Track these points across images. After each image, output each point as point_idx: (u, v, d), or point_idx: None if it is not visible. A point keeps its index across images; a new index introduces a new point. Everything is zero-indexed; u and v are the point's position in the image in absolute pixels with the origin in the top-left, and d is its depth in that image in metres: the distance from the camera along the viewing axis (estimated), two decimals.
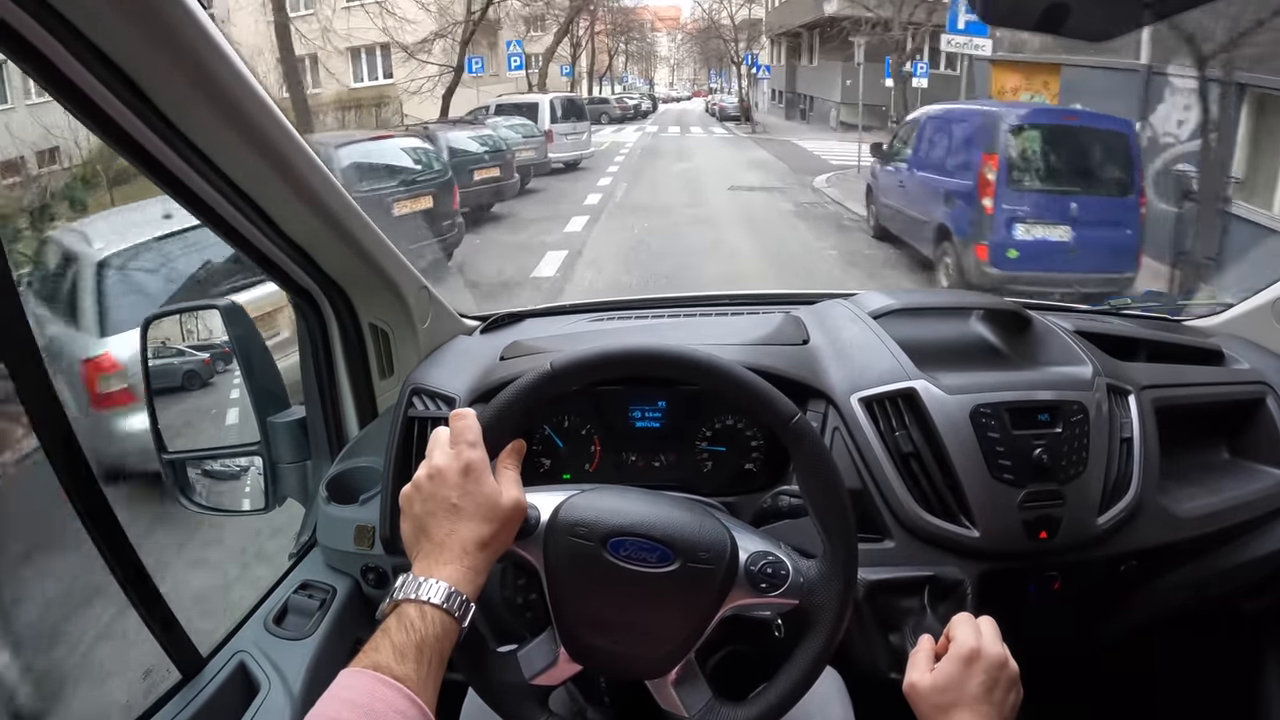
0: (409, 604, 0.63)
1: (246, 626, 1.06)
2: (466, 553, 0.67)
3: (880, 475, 1.01)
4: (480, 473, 0.69)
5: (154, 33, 0.67)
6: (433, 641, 0.62)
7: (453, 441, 0.71)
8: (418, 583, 0.64)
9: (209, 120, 0.77)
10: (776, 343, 1.14)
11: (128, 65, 0.69)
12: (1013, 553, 1.00)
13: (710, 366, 0.75)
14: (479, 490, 0.69)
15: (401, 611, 0.63)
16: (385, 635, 0.62)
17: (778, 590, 0.73)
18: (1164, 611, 1.19)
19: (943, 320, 1.32)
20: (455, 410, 0.74)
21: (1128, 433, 1.07)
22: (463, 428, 0.71)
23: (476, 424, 0.72)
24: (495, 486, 0.70)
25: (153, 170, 0.82)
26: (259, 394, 1.17)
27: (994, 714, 0.71)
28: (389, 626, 0.62)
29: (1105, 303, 1.48)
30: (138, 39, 0.67)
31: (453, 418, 0.73)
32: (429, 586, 0.64)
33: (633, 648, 0.73)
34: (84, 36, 0.66)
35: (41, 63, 0.66)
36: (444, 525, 0.68)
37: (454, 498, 0.68)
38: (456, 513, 0.68)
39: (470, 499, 0.68)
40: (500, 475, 0.72)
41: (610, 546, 0.72)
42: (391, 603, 0.64)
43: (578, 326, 1.35)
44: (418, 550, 0.68)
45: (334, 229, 0.99)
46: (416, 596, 0.64)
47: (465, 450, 0.70)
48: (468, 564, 0.67)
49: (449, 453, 0.70)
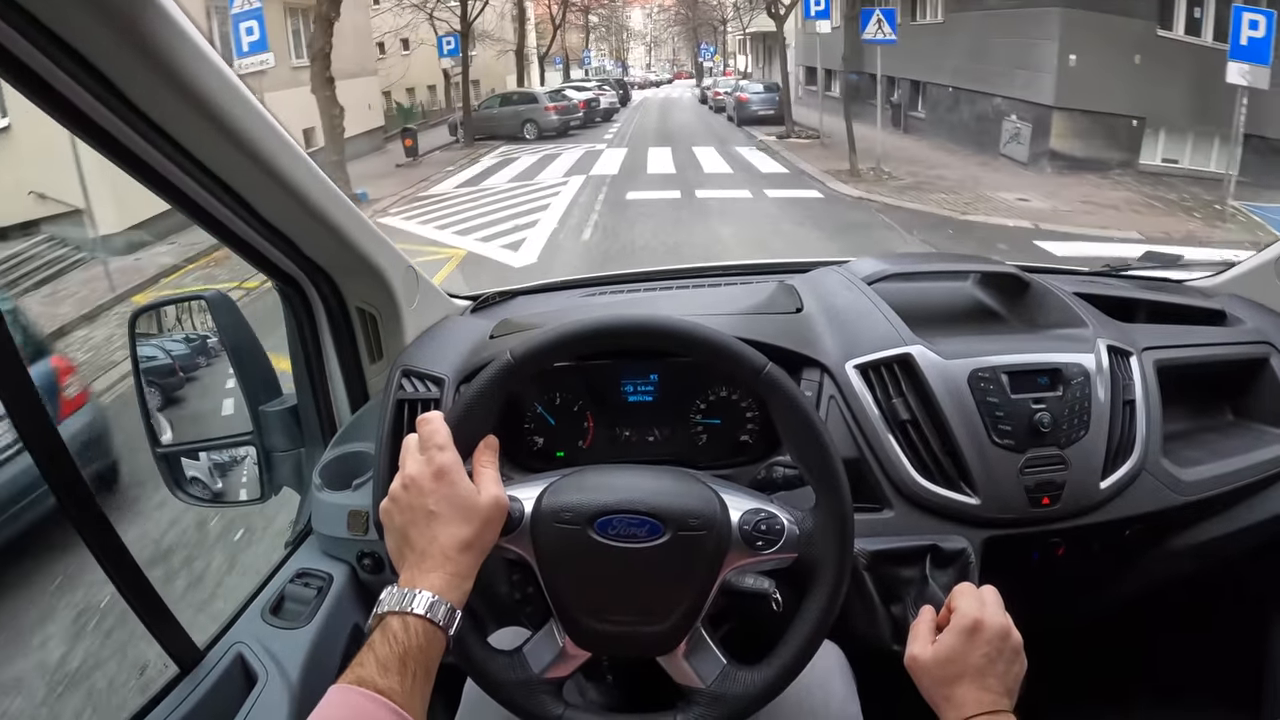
0: (393, 616, 0.63)
1: (243, 618, 1.05)
2: (449, 558, 0.67)
3: (878, 443, 0.99)
4: (454, 475, 0.69)
5: (118, 19, 0.65)
6: (416, 652, 0.62)
7: (422, 447, 0.70)
8: (402, 594, 0.64)
9: (178, 107, 0.76)
10: (769, 311, 1.13)
11: (94, 55, 0.68)
12: (1015, 519, 0.98)
13: (674, 330, 0.74)
14: (454, 493, 0.68)
15: (386, 624, 0.63)
16: (370, 650, 0.62)
17: (774, 547, 0.72)
18: (1168, 577, 1.19)
19: (938, 284, 1.30)
20: (420, 415, 0.73)
21: (1130, 395, 1.05)
22: (430, 431, 0.70)
23: (444, 426, 0.71)
24: (471, 487, 0.69)
25: (125, 160, 0.80)
26: (250, 384, 1.16)
27: (997, 685, 0.70)
28: (374, 641, 0.63)
29: (1105, 265, 1.45)
30: (102, 26, 0.65)
31: (419, 422, 0.72)
32: (412, 597, 0.64)
33: (636, 626, 0.72)
34: (47, 27, 0.64)
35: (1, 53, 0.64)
36: (424, 533, 0.67)
37: (430, 504, 0.68)
38: (434, 518, 0.67)
39: (446, 503, 0.68)
40: (477, 474, 0.72)
41: (597, 527, 0.71)
42: (376, 617, 0.64)
43: (569, 302, 1.34)
44: (402, 561, 0.68)
45: (313, 214, 0.97)
46: (400, 608, 0.63)
47: (435, 454, 0.69)
48: (450, 570, 0.66)
49: (419, 459, 0.70)
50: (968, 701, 0.69)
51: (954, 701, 0.70)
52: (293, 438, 1.20)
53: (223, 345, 1.16)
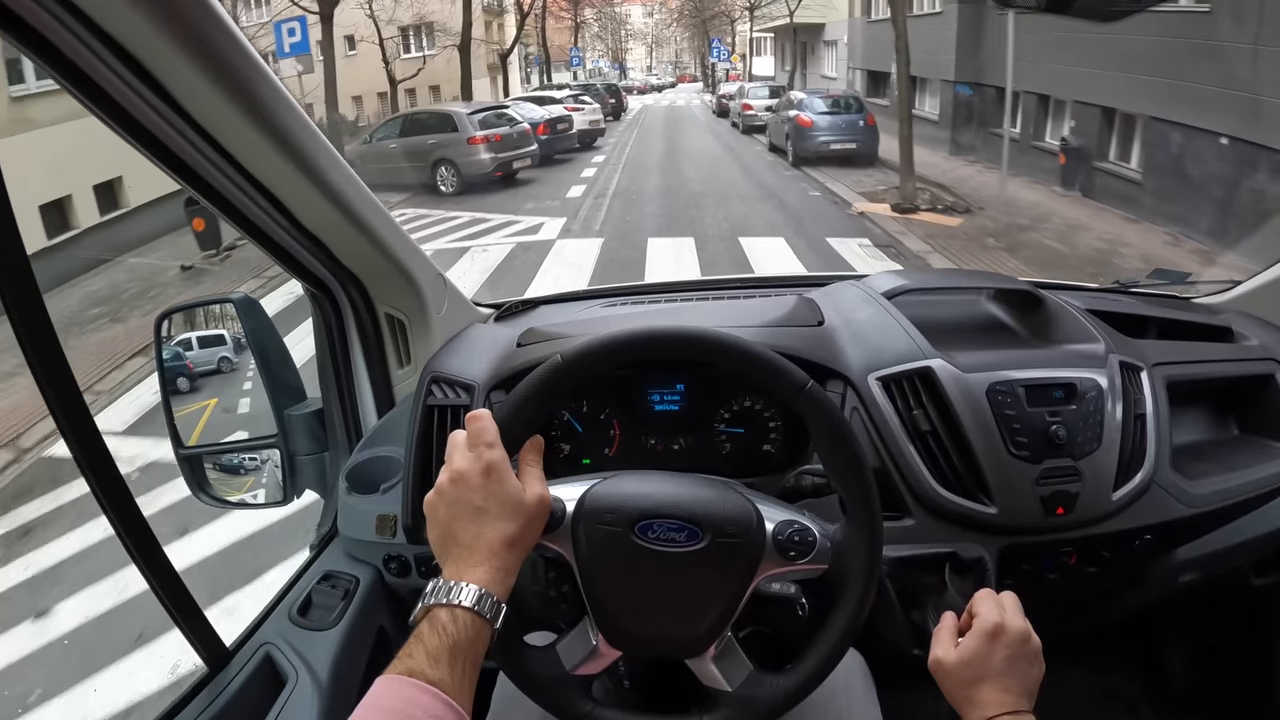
0: (440, 608, 0.64)
1: (271, 619, 1.06)
2: (495, 553, 0.67)
3: (899, 453, 1.02)
4: (502, 472, 0.70)
5: (169, 25, 0.67)
6: (465, 645, 0.62)
7: (471, 444, 0.71)
8: (448, 587, 0.65)
9: (224, 111, 0.77)
10: (792, 324, 1.15)
11: (142, 56, 0.69)
12: (1030, 528, 1.01)
13: (720, 343, 0.75)
14: (502, 490, 0.69)
15: (433, 616, 0.63)
16: (419, 641, 0.62)
17: (806, 557, 0.73)
18: (1176, 587, 1.21)
19: (954, 300, 1.33)
20: (471, 412, 0.74)
21: (1141, 409, 1.08)
22: (480, 429, 0.71)
23: (493, 424, 0.72)
24: (518, 485, 0.70)
25: (168, 161, 0.82)
26: (275, 386, 1.17)
27: (1018, 687, 0.72)
28: (422, 632, 0.63)
29: (1114, 282, 1.48)
30: (152, 31, 0.67)
31: (469, 419, 0.73)
32: (459, 590, 0.64)
33: (670, 628, 0.74)
34: (99, 29, 0.66)
35: (56, 55, 0.66)
36: (470, 528, 0.68)
37: (478, 500, 0.68)
38: (482, 514, 0.68)
39: (494, 499, 0.69)
40: (523, 472, 0.73)
41: (638, 530, 0.72)
42: (423, 608, 0.65)
43: (591, 312, 1.35)
44: (446, 555, 0.69)
45: (350, 219, 0.99)
46: (448, 601, 0.64)
47: (485, 451, 0.70)
48: (496, 564, 0.67)
49: (469, 455, 0.70)
50: (989, 702, 0.71)
51: (976, 703, 0.72)
52: (317, 441, 1.21)
53: (249, 348, 1.17)
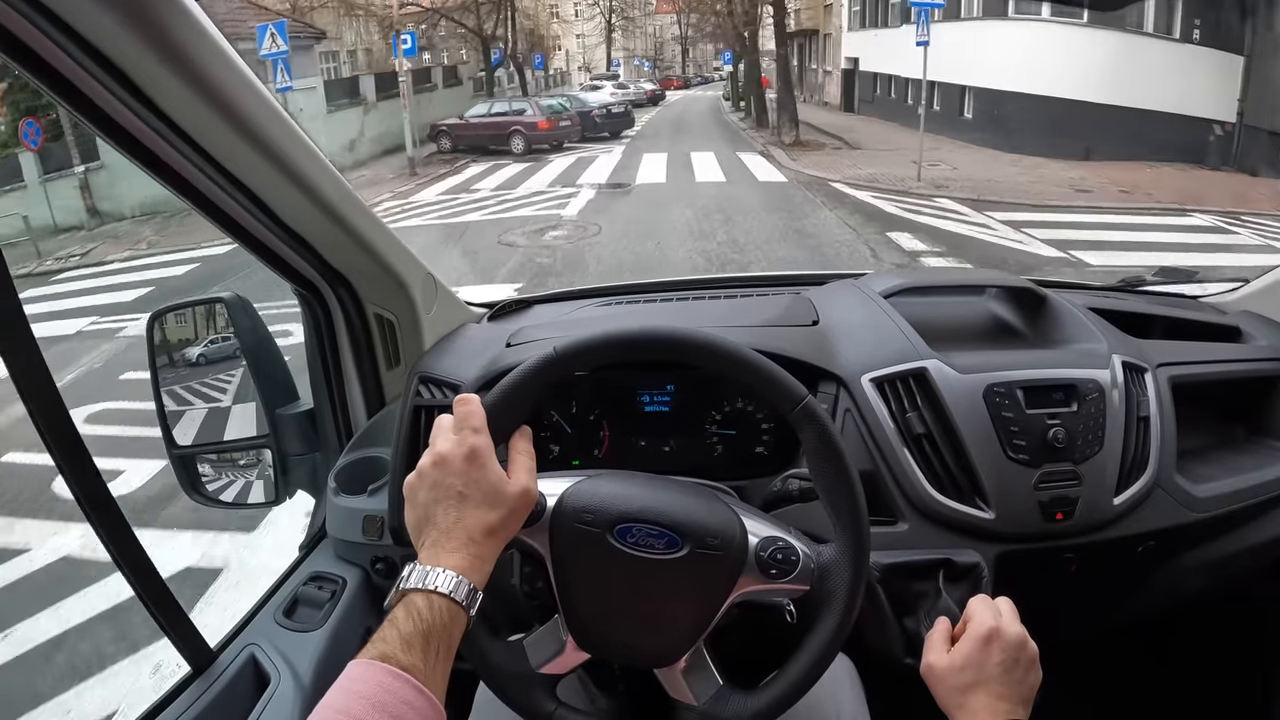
0: (415, 593, 0.62)
1: (257, 619, 1.06)
2: (473, 540, 0.66)
3: (892, 457, 0.99)
4: (486, 458, 0.68)
5: (142, 27, 0.66)
6: (439, 630, 0.61)
7: (457, 427, 0.69)
8: (424, 572, 0.63)
9: (203, 112, 0.76)
10: (786, 324, 1.13)
11: (117, 56, 0.68)
12: (1029, 534, 0.98)
13: (716, 347, 0.74)
14: (484, 477, 0.67)
15: (408, 601, 0.62)
16: (392, 625, 0.61)
17: (788, 577, 0.72)
18: (1180, 594, 1.18)
19: (955, 299, 1.30)
20: (459, 395, 0.72)
21: (1145, 411, 1.05)
22: (467, 413, 0.70)
23: (481, 409, 0.70)
24: (501, 473, 0.69)
25: (146, 162, 0.81)
26: (266, 387, 1.16)
27: (1013, 694, 0.70)
28: (396, 617, 0.61)
29: (1120, 280, 1.45)
30: (126, 29, 0.66)
31: (457, 403, 0.71)
32: (435, 575, 0.63)
33: (640, 635, 0.72)
34: (74, 31, 0.65)
35: (30, 55, 0.65)
36: (450, 513, 0.66)
37: (459, 485, 0.67)
38: (462, 500, 0.66)
39: (476, 486, 0.67)
40: (513, 462, 0.71)
41: (616, 533, 0.70)
42: (398, 593, 0.63)
43: (585, 312, 1.34)
44: (423, 538, 0.67)
45: (333, 218, 0.98)
46: (423, 586, 0.62)
47: (470, 436, 0.68)
48: (474, 551, 0.65)
49: (453, 439, 0.69)
50: (983, 710, 0.69)
51: (969, 710, 0.69)
52: (308, 441, 1.20)
53: (240, 348, 1.17)
